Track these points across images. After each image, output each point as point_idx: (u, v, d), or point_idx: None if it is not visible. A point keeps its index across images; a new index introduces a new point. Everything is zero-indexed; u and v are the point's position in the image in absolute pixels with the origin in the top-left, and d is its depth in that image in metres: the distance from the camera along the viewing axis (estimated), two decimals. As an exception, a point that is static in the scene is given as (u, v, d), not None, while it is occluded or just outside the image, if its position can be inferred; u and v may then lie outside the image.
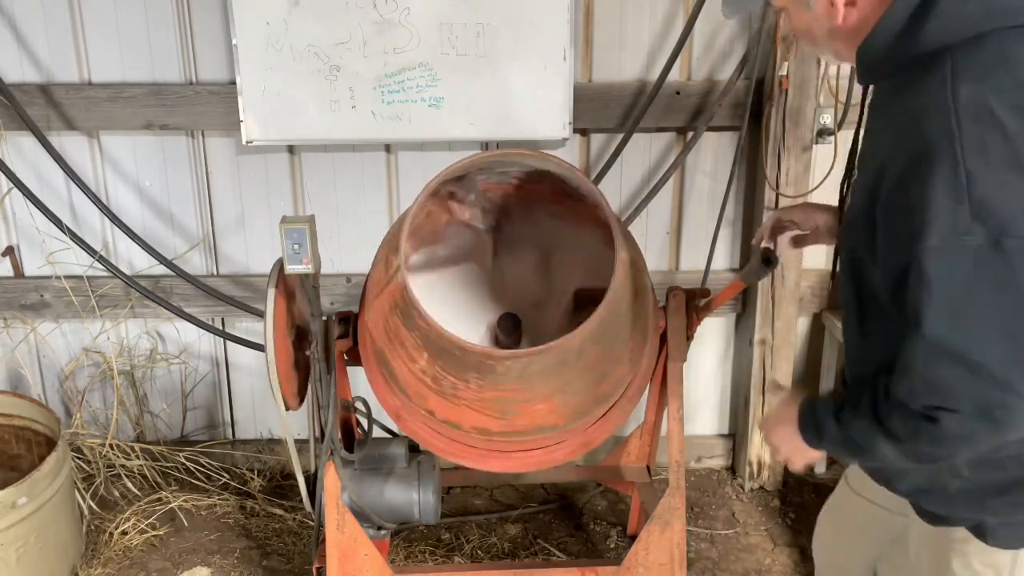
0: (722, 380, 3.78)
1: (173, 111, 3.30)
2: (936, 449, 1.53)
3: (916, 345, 1.45)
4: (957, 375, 1.43)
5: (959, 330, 1.41)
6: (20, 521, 2.82)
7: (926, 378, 1.46)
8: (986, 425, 1.45)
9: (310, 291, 2.49)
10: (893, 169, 1.47)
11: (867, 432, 1.60)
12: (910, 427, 1.52)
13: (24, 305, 3.50)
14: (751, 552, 3.35)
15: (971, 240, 1.38)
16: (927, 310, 1.42)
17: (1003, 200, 1.38)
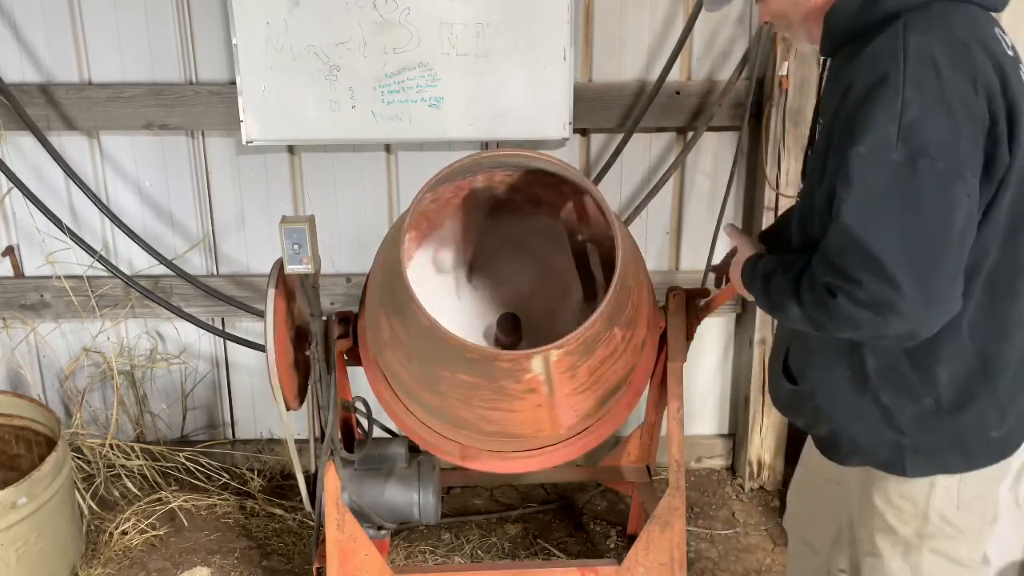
0: (722, 380, 3.78)
1: (173, 111, 3.30)
2: (828, 321, 1.74)
3: (834, 229, 1.68)
4: (857, 263, 1.64)
5: (866, 225, 1.63)
6: (20, 521, 2.82)
7: (834, 259, 1.68)
8: (871, 314, 1.65)
9: (310, 291, 2.49)
10: (848, 101, 1.70)
11: (784, 291, 1.82)
12: (814, 296, 1.74)
13: (24, 305, 3.50)
14: (751, 552, 3.35)
15: (894, 156, 1.61)
16: (845, 203, 1.65)
17: (926, 128, 1.61)
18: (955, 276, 1.66)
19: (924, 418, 1.85)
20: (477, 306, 2.78)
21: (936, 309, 1.65)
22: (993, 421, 1.86)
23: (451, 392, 2.32)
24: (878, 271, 1.61)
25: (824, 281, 1.70)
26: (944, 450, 1.88)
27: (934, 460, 1.88)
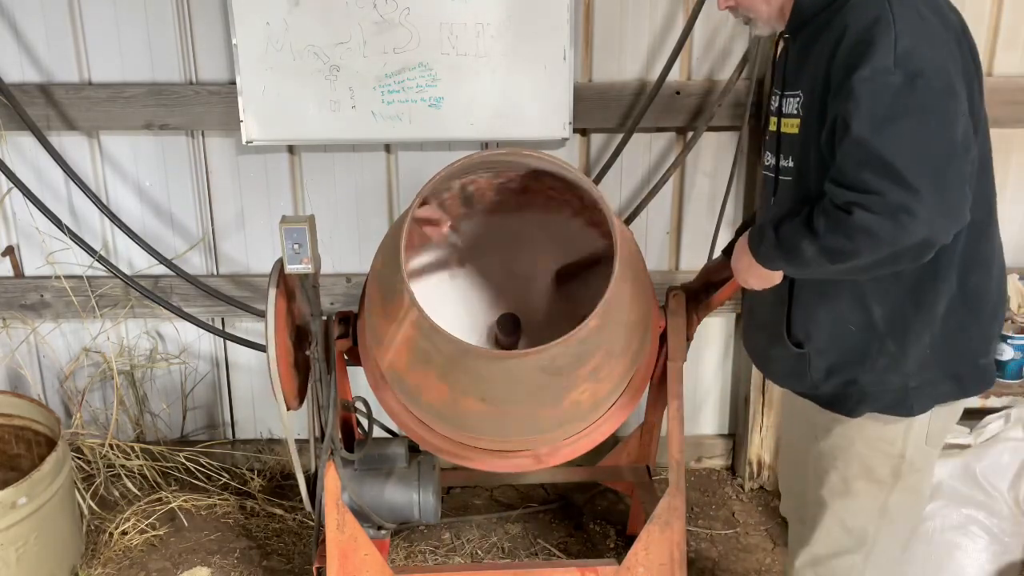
0: (722, 380, 3.78)
1: (173, 111, 3.30)
2: (846, 243, 1.81)
3: (846, 148, 1.78)
4: (873, 173, 1.74)
5: (879, 137, 1.74)
6: (20, 521, 2.82)
7: (852, 177, 1.77)
8: (890, 224, 1.74)
9: (310, 291, 2.49)
10: (844, 44, 1.84)
11: (795, 232, 1.90)
12: (829, 221, 1.81)
13: (24, 305, 3.50)
14: (751, 552, 3.35)
15: (893, 79, 1.76)
16: (854, 119, 1.77)
17: (919, 55, 1.78)
18: (964, 184, 1.78)
19: (925, 357, 2.01)
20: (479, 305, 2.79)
21: (951, 215, 1.76)
22: (981, 349, 2.08)
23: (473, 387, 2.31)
24: (895, 177, 1.72)
25: (841, 202, 1.78)
26: (940, 382, 2.06)
27: (934, 394, 2.06)
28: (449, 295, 2.77)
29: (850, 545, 2.20)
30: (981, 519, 2.96)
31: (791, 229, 1.91)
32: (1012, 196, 3.45)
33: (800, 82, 2.01)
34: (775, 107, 2.14)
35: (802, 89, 2.00)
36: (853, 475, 2.14)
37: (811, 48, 1.97)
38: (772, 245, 1.98)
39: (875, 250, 1.79)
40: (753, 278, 2.11)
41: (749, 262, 2.08)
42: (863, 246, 1.79)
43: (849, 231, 1.78)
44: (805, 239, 1.87)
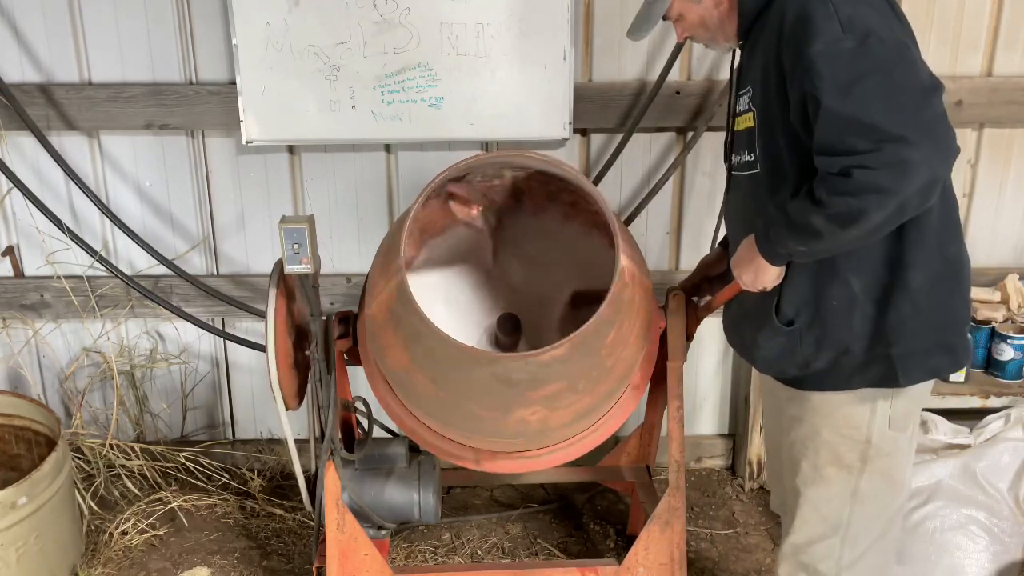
0: (722, 380, 3.78)
1: (173, 111, 3.30)
2: (852, 202, 1.83)
3: (823, 121, 1.83)
4: (858, 138, 1.79)
5: (850, 101, 1.80)
6: (20, 521, 2.82)
7: (836, 144, 1.82)
8: (891, 174, 1.78)
9: (310, 291, 2.49)
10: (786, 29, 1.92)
11: (801, 210, 1.93)
12: (831, 186, 1.85)
13: (24, 305, 3.50)
14: (751, 552, 3.35)
15: (845, 44, 1.83)
16: (823, 93, 1.82)
17: (863, 18, 1.85)
18: (945, 117, 1.82)
19: (905, 323, 2.05)
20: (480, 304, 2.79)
21: (944, 148, 1.80)
22: (965, 316, 2.15)
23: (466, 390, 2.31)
24: (880, 133, 1.77)
25: (837, 169, 1.82)
26: (932, 353, 2.11)
27: (925, 365, 2.12)
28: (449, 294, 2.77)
29: (826, 530, 2.26)
30: (981, 519, 2.96)
31: (796, 209, 1.94)
32: (1012, 196, 3.45)
33: (749, 78, 2.11)
34: (733, 109, 2.24)
35: (751, 84, 2.09)
36: (823, 462, 2.21)
37: (756, 45, 2.08)
38: (783, 228, 1.99)
39: (883, 204, 1.82)
40: (758, 277, 2.14)
41: (755, 261, 2.11)
42: (871, 203, 1.82)
43: (854, 190, 1.82)
44: (813, 213, 1.90)
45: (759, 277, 2.14)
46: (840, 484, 2.22)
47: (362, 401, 2.71)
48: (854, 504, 2.22)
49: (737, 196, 2.26)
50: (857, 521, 2.23)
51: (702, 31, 2.22)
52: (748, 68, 2.13)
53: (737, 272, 2.19)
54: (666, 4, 2.21)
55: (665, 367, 2.66)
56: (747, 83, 2.12)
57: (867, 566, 2.27)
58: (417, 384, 2.34)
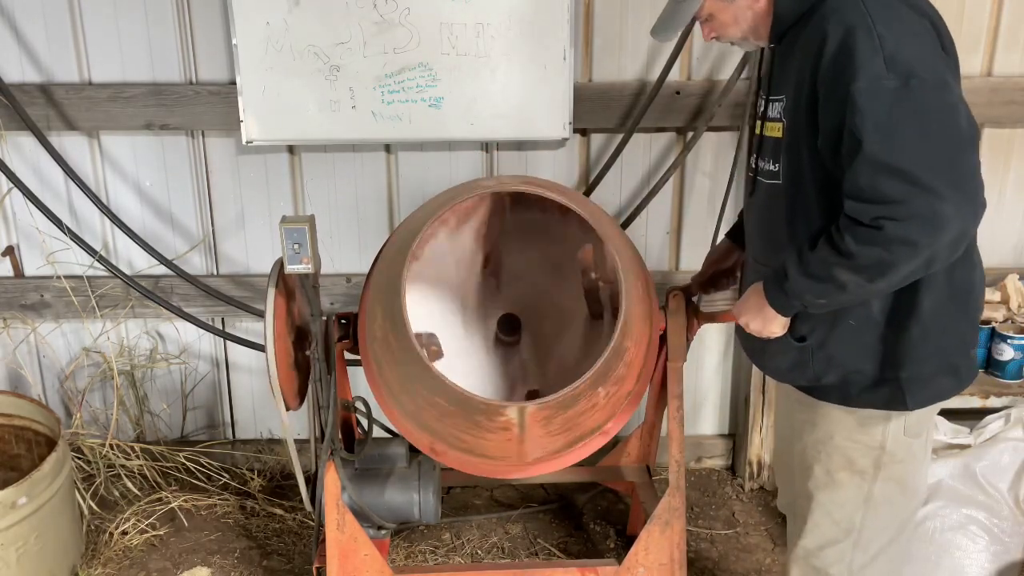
0: (722, 380, 3.78)
1: (173, 111, 3.30)
2: (883, 254, 1.82)
3: (859, 165, 1.81)
4: (893, 184, 1.77)
5: (890, 147, 1.78)
6: (20, 521, 2.82)
7: (870, 191, 1.80)
8: (921, 227, 1.77)
9: (310, 291, 2.49)
10: (827, 54, 1.87)
11: (824, 262, 1.91)
12: (859, 238, 1.83)
13: (24, 305, 3.50)
14: (751, 552, 3.35)
15: (887, 83, 1.80)
16: (864, 134, 1.79)
17: (906, 54, 1.82)
18: (977, 171, 1.81)
19: (915, 347, 2.04)
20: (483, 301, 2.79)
21: (974, 203, 1.79)
22: (971, 339, 2.16)
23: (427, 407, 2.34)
24: (912, 181, 1.76)
25: (867, 218, 1.80)
26: (937, 376, 2.09)
27: (930, 388, 2.10)
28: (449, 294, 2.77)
29: (838, 535, 2.24)
30: (981, 519, 2.96)
31: (819, 261, 1.92)
32: (1012, 196, 3.45)
33: (783, 87, 2.05)
34: (760, 111, 2.19)
35: (785, 95, 2.04)
36: (835, 467, 2.19)
37: (792, 53, 2.02)
38: (799, 280, 1.97)
39: (913, 257, 1.81)
40: (766, 326, 2.13)
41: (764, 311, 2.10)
42: (900, 256, 1.81)
43: (884, 243, 1.80)
44: (837, 265, 1.88)
45: (767, 326, 2.13)
46: (853, 489, 2.20)
47: (362, 401, 2.71)
48: (867, 509, 2.20)
49: (757, 201, 2.22)
50: (870, 526, 2.22)
51: (733, 30, 2.13)
52: (782, 75, 2.07)
53: (744, 319, 2.18)
54: (697, 3, 2.10)
55: (665, 367, 2.66)
56: (781, 91, 2.07)
57: (879, 571, 2.26)
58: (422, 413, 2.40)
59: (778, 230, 2.09)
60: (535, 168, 3.42)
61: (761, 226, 2.19)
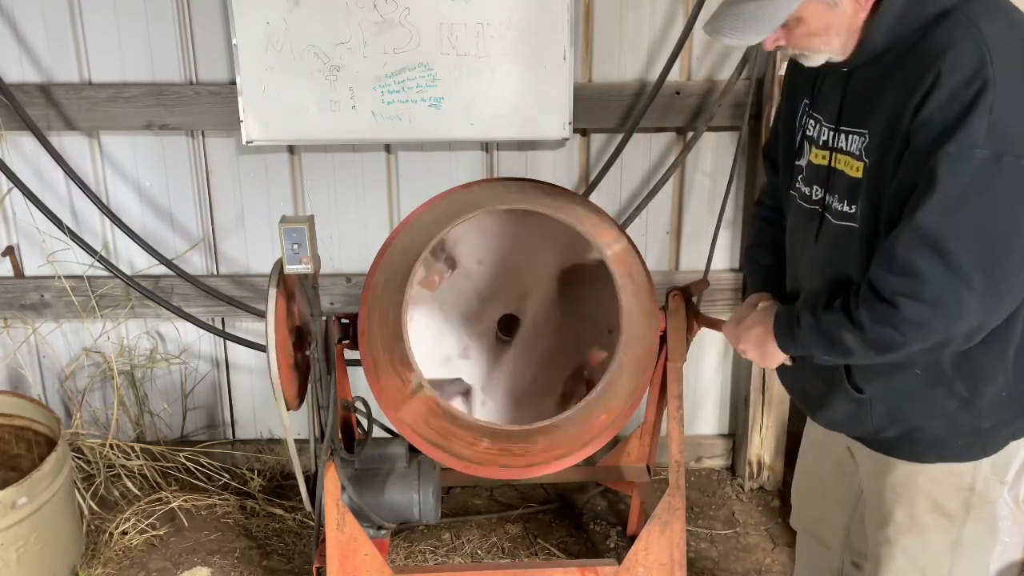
0: (722, 380, 3.78)
1: (173, 111, 3.30)
2: (894, 334, 1.73)
3: (904, 232, 1.67)
4: (928, 261, 1.65)
5: (945, 223, 1.63)
6: (20, 521, 2.82)
7: (901, 262, 1.67)
8: (940, 313, 1.67)
9: (310, 291, 2.49)
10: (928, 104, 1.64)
11: (836, 323, 1.81)
12: (875, 313, 1.73)
13: (24, 305, 3.50)
14: (751, 552, 3.35)
15: (980, 153, 1.60)
16: (925, 203, 1.63)
17: (1011, 123, 1.60)
18: (1019, 282, 1.70)
19: (998, 395, 1.89)
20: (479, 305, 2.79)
21: (1003, 299, 1.70)
22: None
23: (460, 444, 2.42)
24: (948, 262, 1.64)
25: (887, 293, 1.70)
26: (1014, 419, 1.93)
27: (1007, 431, 1.95)
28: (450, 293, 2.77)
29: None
30: (981, 519, 2.95)
31: (830, 320, 1.82)
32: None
33: (867, 120, 1.81)
34: (817, 137, 1.95)
35: (870, 130, 1.80)
36: (921, 511, 2.01)
37: (883, 85, 1.77)
38: (809, 332, 1.88)
39: (925, 340, 1.72)
40: (764, 358, 2.06)
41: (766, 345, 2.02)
42: (912, 338, 1.72)
43: (898, 324, 1.71)
44: (847, 331, 1.79)
45: (765, 359, 2.05)
46: (940, 534, 2.02)
47: (362, 401, 2.71)
48: (956, 556, 2.04)
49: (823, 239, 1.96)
50: (960, 573, 2.06)
51: (817, 42, 1.79)
52: (866, 107, 1.82)
53: (742, 346, 2.09)
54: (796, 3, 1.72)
55: (665, 367, 2.66)
56: (861, 124, 1.82)
57: None
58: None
59: (849, 271, 1.88)
60: (535, 168, 3.42)
61: (824, 264, 1.96)
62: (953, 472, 1.97)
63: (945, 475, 1.97)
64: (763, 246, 2.28)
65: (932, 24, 1.70)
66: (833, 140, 1.91)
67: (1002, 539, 2.95)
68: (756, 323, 2.06)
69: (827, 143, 1.92)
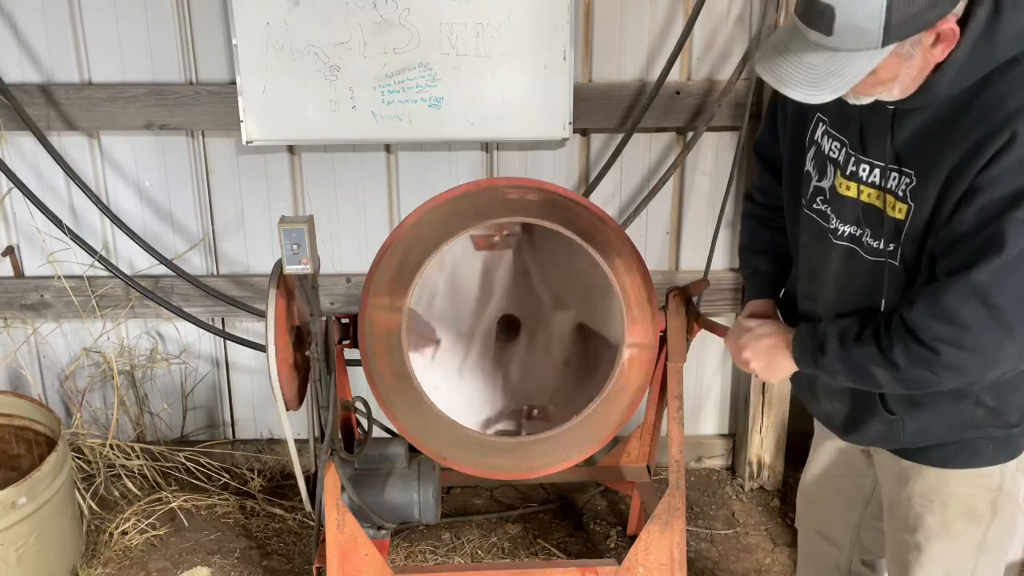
0: (722, 380, 3.78)
1: (173, 111, 3.30)
2: (930, 376, 1.74)
3: (957, 284, 1.66)
4: (975, 312, 1.64)
5: (1002, 282, 1.63)
6: (20, 521, 2.82)
7: (947, 311, 1.67)
8: (980, 361, 1.69)
9: (310, 291, 2.49)
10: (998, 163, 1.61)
11: (867, 357, 1.80)
12: (912, 356, 1.72)
13: (24, 305, 3.50)
14: (751, 552, 3.35)
15: None
16: (986, 264, 1.62)
17: None
18: None
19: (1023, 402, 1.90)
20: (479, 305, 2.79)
21: None
22: None
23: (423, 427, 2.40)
24: (995, 315, 1.65)
25: (927, 338, 1.70)
26: None
27: None
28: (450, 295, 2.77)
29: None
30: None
31: (862, 354, 1.81)
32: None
33: (915, 162, 1.75)
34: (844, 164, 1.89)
35: (918, 172, 1.75)
36: (952, 516, 2.01)
37: (943, 131, 1.71)
38: (836, 361, 1.87)
39: (958, 380, 1.76)
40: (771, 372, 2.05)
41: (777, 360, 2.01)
42: (947, 378, 1.74)
43: (934, 367, 1.72)
44: (880, 367, 1.79)
45: (771, 372, 2.04)
46: (968, 536, 2.03)
47: (362, 401, 2.71)
48: (979, 555, 2.05)
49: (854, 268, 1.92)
50: (982, 571, 2.07)
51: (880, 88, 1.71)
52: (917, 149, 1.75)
53: (747, 355, 2.05)
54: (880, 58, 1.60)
55: (665, 367, 2.66)
56: (912, 166, 1.76)
57: None
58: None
59: (879, 302, 1.88)
60: (535, 168, 3.42)
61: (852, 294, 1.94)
62: (983, 475, 1.97)
63: (976, 478, 1.98)
64: (759, 252, 2.26)
65: (999, 72, 1.65)
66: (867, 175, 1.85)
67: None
68: (768, 334, 2.04)
69: (863, 178, 1.86)
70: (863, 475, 2.24)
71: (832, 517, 2.38)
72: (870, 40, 1.56)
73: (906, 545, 2.10)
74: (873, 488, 2.25)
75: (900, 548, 2.13)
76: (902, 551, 2.12)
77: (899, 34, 1.56)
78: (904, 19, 1.54)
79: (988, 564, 2.07)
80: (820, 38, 1.59)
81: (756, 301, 2.21)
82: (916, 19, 1.55)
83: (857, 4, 1.53)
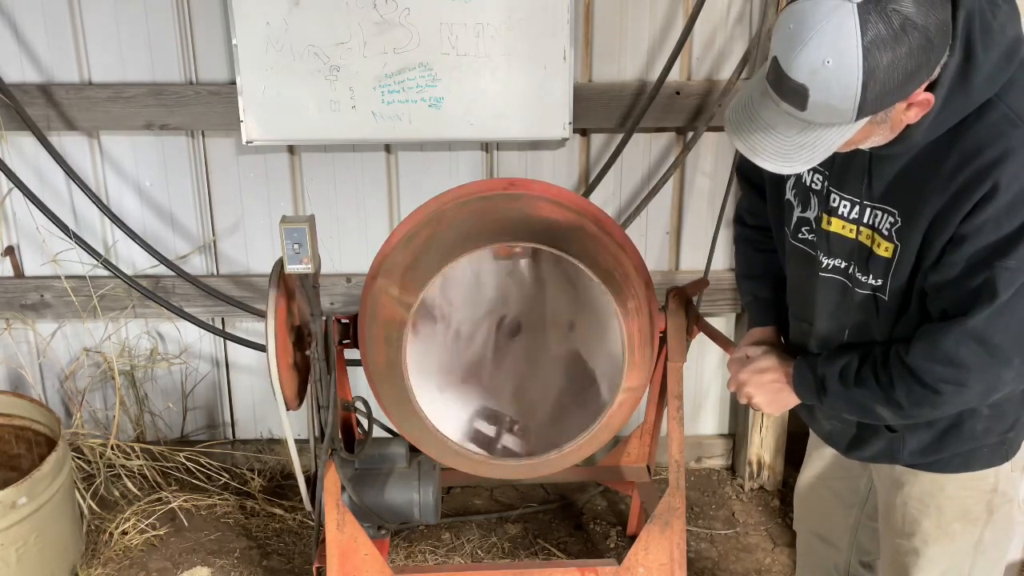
0: (722, 380, 3.78)
1: (173, 111, 3.30)
2: (932, 411, 1.81)
3: (953, 330, 1.69)
4: (975, 353, 1.69)
5: (997, 325, 1.66)
6: (20, 521, 2.82)
7: (946, 354, 1.71)
8: (982, 392, 1.75)
9: (310, 291, 2.49)
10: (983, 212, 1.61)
11: (870, 397, 1.84)
12: (914, 397, 1.77)
13: (24, 305, 3.50)
14: (751, 552, 3.35)
15: None
16: (980, 311, 1.66)
17: None
18: None
19: (1019, 410, 1.94)
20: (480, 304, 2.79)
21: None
22: None
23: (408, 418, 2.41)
24: (994, 353, 1.69)
25: (930, 380, 1.74)
26: None
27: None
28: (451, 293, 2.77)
29: None
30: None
31: (864, 393, 1.85)
32: None
33: (897, 202, 1.75)
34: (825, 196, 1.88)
35: (901, 212, 1.75)
36: (948, 519, 2.03)
37: (921, 174, 1.71)
38: (840, 401, 1.91)
39: (960, 408, 1.82)
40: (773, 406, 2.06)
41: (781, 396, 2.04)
42: (948, 409, 1.81)
43: (937, 404, 1.78)
44: (882, 406, 1.83)
45: (774, 407, 2.06)
46: (964, 538, 2.05)
47: (362, 401, 2.71)
48: (976, 556, 2.07)
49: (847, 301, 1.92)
50: (978, 572, 2.09)
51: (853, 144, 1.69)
52: (898, 189, 1.75)
53: (750, 390, 2.06)
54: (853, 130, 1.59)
55: (665, 367, 2.66)
56: (894, 204, 1.76)
57: None
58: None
59: (872, 332, 1.91)
60: (535, 168, 3.42)
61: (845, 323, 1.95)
62: (978, 478, 1.99)
63: (971, 481, 2.00)
64: (755, 277, 2.24)
65: (975, 115, 1.63)
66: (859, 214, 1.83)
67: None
68: (769, 368, 2.04)
69: (843, 215, 1.86)
70: (858, 476, 2.26)
71: (829, 519, 2.39)
72: (843, 117, 1.54)
73: (903, 550, 2.11)
74: (869, 489, 2.26)
75: (897, 553, 2.13)
76: (899, 556, 2.13)
77: (873, 109, 1.54)
78: (879, 96, 1.51)
79: (986, 565, 2.08)
80: (792, 110, 1.56)
81: (757, 329, 2.20)
82: (891, 96, 1.53)
83: (832, 85, 1.49)
